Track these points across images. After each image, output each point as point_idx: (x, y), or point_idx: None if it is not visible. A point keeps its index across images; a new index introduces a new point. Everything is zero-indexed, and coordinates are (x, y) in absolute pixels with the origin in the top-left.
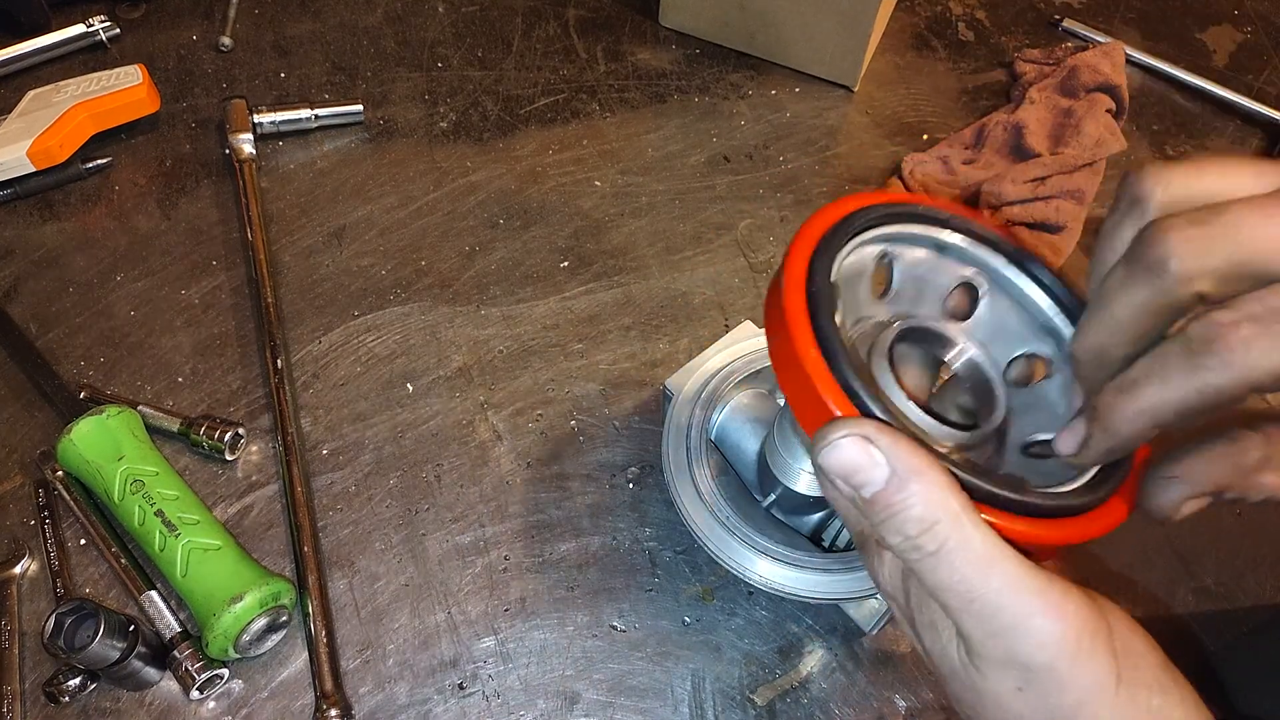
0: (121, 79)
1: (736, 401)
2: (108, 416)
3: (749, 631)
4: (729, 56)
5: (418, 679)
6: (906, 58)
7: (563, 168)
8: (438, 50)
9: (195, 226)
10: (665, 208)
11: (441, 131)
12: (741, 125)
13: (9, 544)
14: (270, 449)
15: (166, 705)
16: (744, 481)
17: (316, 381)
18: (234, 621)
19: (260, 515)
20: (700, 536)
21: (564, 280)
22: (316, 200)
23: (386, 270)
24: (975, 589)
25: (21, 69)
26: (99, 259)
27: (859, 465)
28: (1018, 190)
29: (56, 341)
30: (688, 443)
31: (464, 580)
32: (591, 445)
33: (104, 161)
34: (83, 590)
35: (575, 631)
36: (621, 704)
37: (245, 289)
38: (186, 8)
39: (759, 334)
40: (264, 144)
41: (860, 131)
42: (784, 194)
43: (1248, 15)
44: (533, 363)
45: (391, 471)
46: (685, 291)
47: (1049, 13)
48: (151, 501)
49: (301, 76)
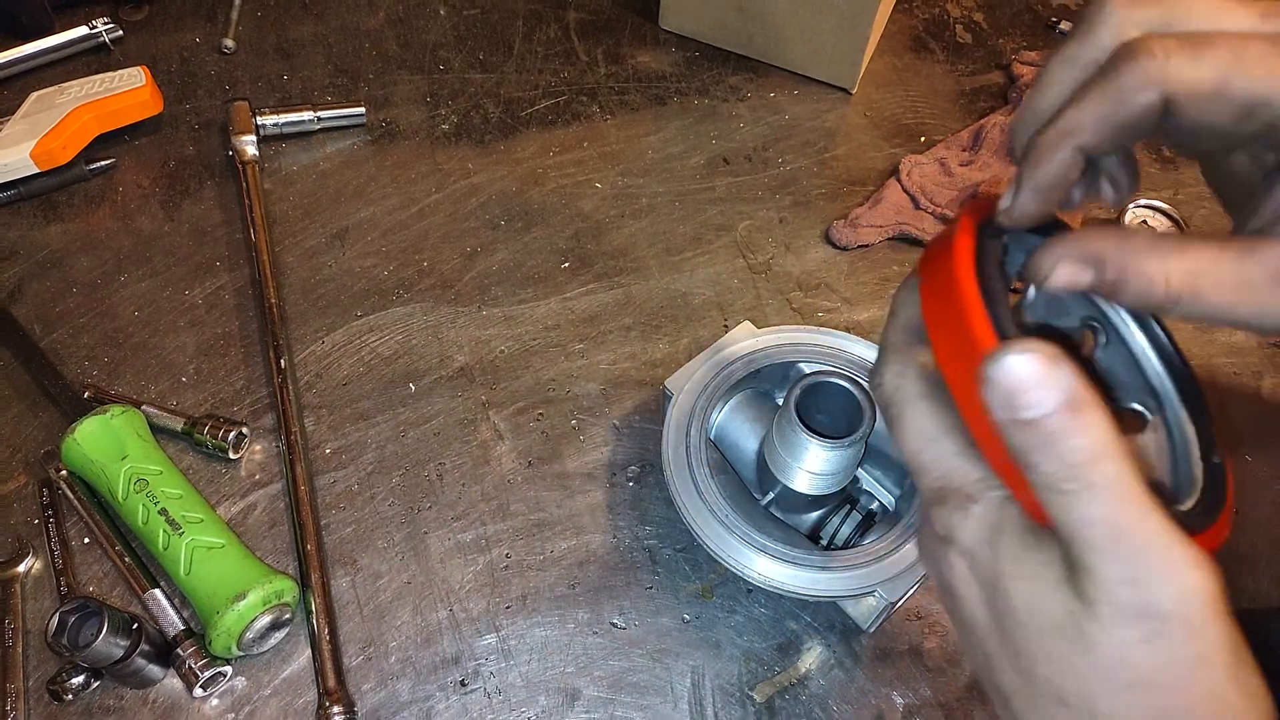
0: (125, 81)
1: (736, 401)
2: (111, 416)
3: (748, 629)
4: (728, 59)
5: (420, 676)
6: (904, 60)
7: (563, 169)
8: (439, 53)
9: (199, 228)
10: (665, 209)
11: (443, 133)
12: (741, 127)
13: (13, 543)
14: (273, 448)
15: (170, 703)
16: (743, 480)
17: (319, 381)
18: (237, 619)
19: (263, 514)
20: (700, 535)
21: (565, 281)
22: (319, 202)
23: (389, 271)
24: (1129, 528)
25: (25, 70)
26: (103, 260)
27: (1034, 383)
28: None
29: (60, 342)
30: (688, 442)
31: (466, 578)
32: (592, 444)
33: (107, 163)
34: (86, 588)
35: (576, 629)
36: (622, 700)
37: (248, 289)
38: (189, 10)
39: (758, 334)
40: (267, 146)
41: (859, 133)
42: (783, 195)
43: None
44: (534, 362)
45: (394, 470)
46: (685, 292)
47: (1046, 15)
48: (155, 500)
49: (304, 79)
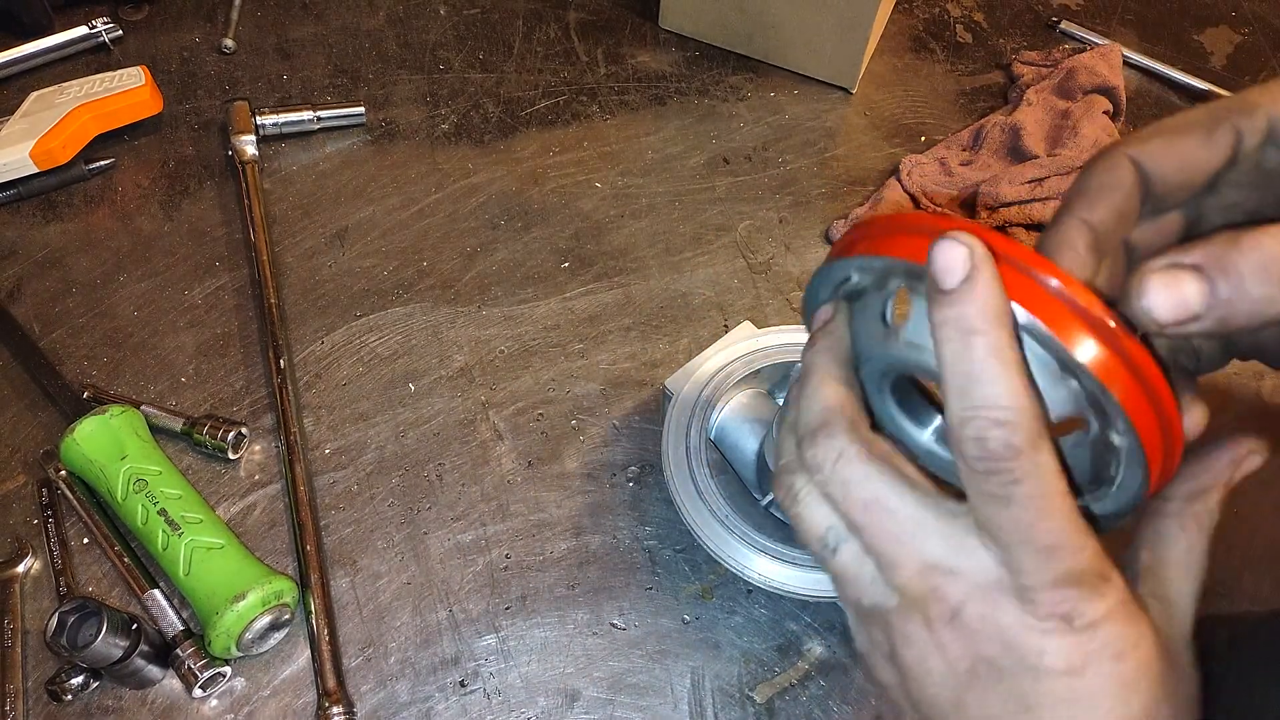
0: (124, 80)
1: (736, 401)
2: (111, 416)
3: (748, 629)
4: (728, 59)
5: (419, 677)
6: (905, 60)
7: (563, 169)
8: (439, 53)
9: (198, 228)
10: (665, 209)
11: (443, 133)
12: (740, 127)
13: (12, 543)
14: (273, 448)
15: (169, 703)
16: (743, 480)
17: (319, 381)
18: (237, 620)
19: (263, 514)
20: (699, 535)
21: (565, 281)
22: (319, 202)
23: (388, 271)
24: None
25: (24, 70)
26: (102, 260)
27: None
28: (1015, 192)
29: (60, 342)
30: (687, 442)
31: (465, 578)
32: (592, 444)
33: (107, 163)
34: (86, 589)
35: (576, 629)
36: (621, 701)
37: (248, 290)
38: (189, 10)
39: (758, 334)
40: (266, 146)
41: (859, 133)
42: (783, 195)
43: (1245, 16)
44: (534, 363)
45: (393, 471)
46: (685, 292)
47: (1046, 15)
48: (154, 500)
49: (304, 79)
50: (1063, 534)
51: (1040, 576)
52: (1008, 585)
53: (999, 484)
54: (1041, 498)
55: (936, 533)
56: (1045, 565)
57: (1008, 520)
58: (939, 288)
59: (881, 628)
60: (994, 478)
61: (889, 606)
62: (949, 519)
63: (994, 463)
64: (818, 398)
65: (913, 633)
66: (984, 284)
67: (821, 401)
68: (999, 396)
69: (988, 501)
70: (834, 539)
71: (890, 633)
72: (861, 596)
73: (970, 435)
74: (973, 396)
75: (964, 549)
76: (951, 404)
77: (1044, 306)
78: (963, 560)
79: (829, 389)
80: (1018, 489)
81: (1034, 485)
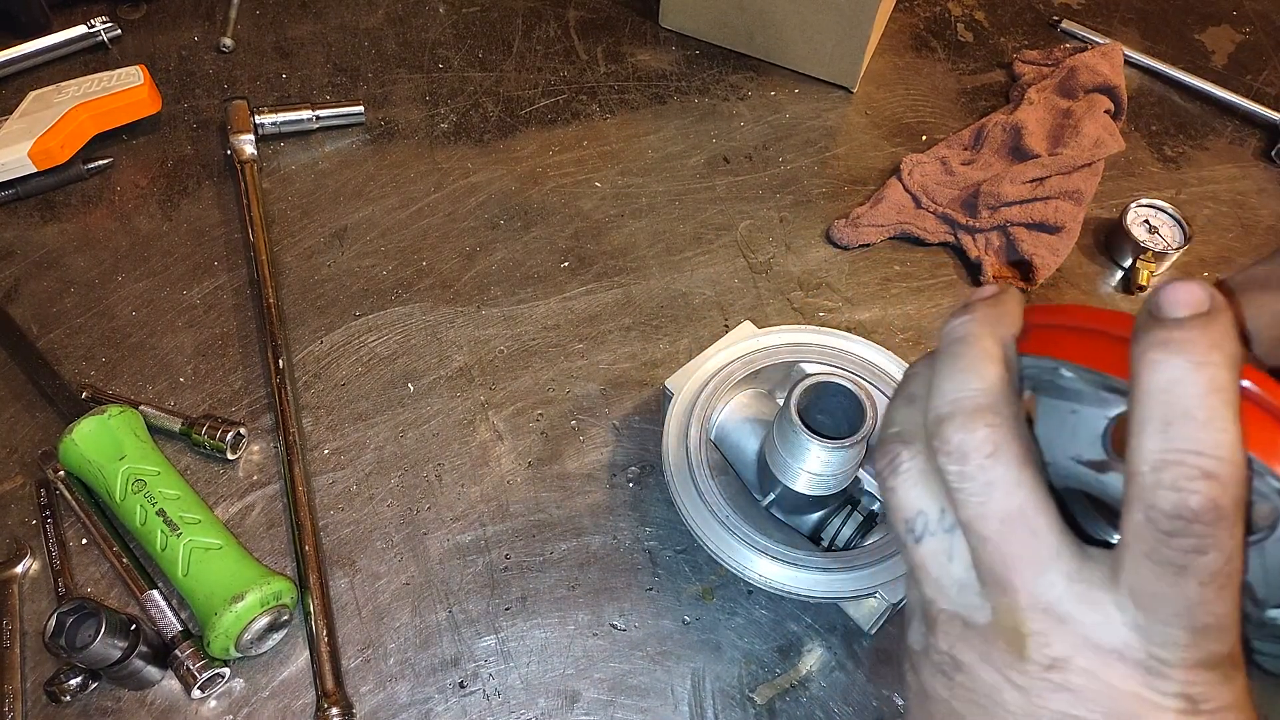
0: (123, 80)
1: (736, 401)
2: (109, 416)
3: (749, 630)
4: (729, 58)
5: (419, 678)
6: (905, 58)
7: (563, 169)
8: (438, 52)
9: (197, 227)
10: (665, 208)
11: (442, 133)
12: (741, 126)
13: (10, 543)
14: (272, 449)
15: (168, 704)
16: (744, 481)
17: (318, 381)
18: (235, 620)
19: (261, 515)
20: (700, 536)
21: (564, 281)
22: (318, 201)
23: (388, 271)
24: None
25: (23, 70)
26: (100, 260)
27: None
28: (1016, 191)
29: (58, 342)
30: (688, 442)
31: (465, 579)
32: (592, 445)
33: (105, 162)
34: (84, 590)
35: (576, 630)
36: (622, 703)
37: (247, 290)
38: (188, 9)
39: (759, 334)
40: (265, 145)
41: (859, 132)
42: (783, 195)
43: (1247, 15)
44: (533, 363)
45: (392, 471)
46: (685, 292)
47: (1048, 13)
48: (153, 501)
49: (303, 78)
50: (1228, 619)
51: (1183, 655)
52: (1136, 652)
53: (1180, 549)
54: (1224, 576)
55: (1065, 574)
56: (1193, 644)
57: (1174, 592)
58: (1162, 315)
59: (953, 638)
60: (1178, 540)
61: (976, 622)
62: (1084, 562)
63: (1188, 524)
64: (978, 374)
65: (996, 659)
66: (1222, 322)
67: (983, 380)
68: (1215, 444)
69: (1156, 565)
70: (922, 526)
71: (964, 648)
72: (940, 598)
73: (1167, 483)
74: (1180, 436)
75: (1089, 600)
76: (1145, 444)
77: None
78: (1085, 612)
79: (992, 369)
80: (1200, 560)
81: (1219, 560)
